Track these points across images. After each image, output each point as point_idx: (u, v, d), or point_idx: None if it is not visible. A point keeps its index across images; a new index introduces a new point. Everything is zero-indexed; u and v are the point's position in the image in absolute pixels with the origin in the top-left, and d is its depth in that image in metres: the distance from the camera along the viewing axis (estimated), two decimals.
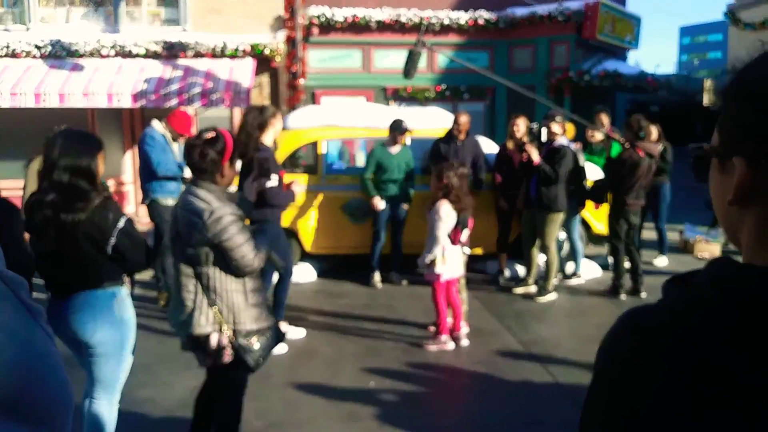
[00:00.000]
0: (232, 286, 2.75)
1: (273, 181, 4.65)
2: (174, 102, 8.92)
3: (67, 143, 2.68)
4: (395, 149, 6.41)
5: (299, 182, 5.25)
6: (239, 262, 2.70)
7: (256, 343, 2.77)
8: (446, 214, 4.76)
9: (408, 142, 6.75)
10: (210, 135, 2.78)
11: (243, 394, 3.03)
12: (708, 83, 18.49)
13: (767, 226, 0.65)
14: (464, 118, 6.50)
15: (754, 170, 0.64)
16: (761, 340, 0.57)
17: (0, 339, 0.60)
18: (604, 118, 7.47)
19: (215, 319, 2.73)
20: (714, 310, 0.61)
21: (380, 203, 6.35)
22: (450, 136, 6.53)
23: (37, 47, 9.78)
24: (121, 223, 2.70)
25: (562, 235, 6.74)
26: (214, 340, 2.74)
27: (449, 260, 4.81)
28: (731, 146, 0.67)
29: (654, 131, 6.93)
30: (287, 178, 6.64)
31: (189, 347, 2.86)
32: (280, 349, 4.76)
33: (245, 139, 4.51)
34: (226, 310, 2.74)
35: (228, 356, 2.77)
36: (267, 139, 4.71)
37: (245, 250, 2.69)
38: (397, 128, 6.33)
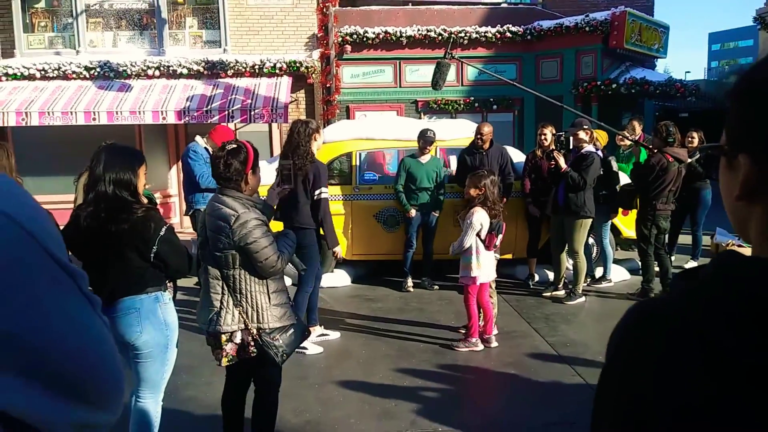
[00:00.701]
0: (256, 288, 2.94)
1: (325, 193, 4.97)
2: (216, 118, 9.36)
3: (110, 157, 2.82)
4: (424, 159, 6.67)
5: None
6: (264, 264, 2.88)
7: (278, 340, 2.97)
8: (481, 220, 4.98)
9: (437, 153, 7.01)
10: (232, 146, 2.98)
11: (277, 392, 3.20)
12: None
13: None
14: (487, 128, 6.75)
15: (759, 167, 0.65)
16: (763, 326, 0.58)
17: (65, 328, 0.64)
18: (637, 125, 7.60)
19: (240, 318, 2.94)
20: (718, 298, 0.62)
21: (411, 212, 6.61)
22: (474, 146, 6.77)
23: (87, 69, 10.36)
24: (163, 232, 2.84)
25: (592, 240, 6.88)
26: (238, 338, 2.95)
27: (483, 264, 5.02)
28: (737, 144, 0.68)
29: (696, 137, 7.16)
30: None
31: (213, 345, 3.03)
32: (315, 349, 5.01)
33: (301, 152, 4.79)
34: (251, 310, 2.94)
35: (251, 352, 2.97)
36: (313, 150, 5.02)
37: (269, 252, 2.88)
38: (423, 138, 6.59)
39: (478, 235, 4.96)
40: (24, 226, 0.62)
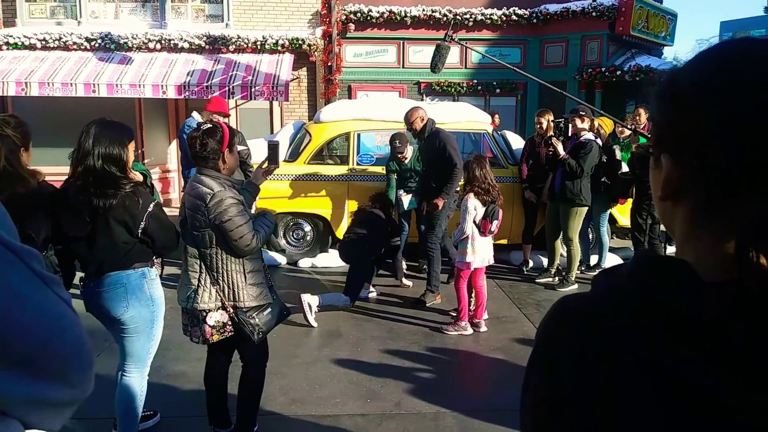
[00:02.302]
0: (233, 267, 2.97)
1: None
2: (216, 94, 9.32)
3: (100, 132, 2.80)
4: (407, 159, 6.55)
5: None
6: (238, 242, 2.89)
7: (254, 318, 3.01)
8: (473, 206, 4.99)
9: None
10: (208, 126, 2.99)
11: (262, 369, 3.23)
12: None
13: (692, 222, 0.67)
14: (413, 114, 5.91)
15: (680, 167, 0.66)
16: (670, 328, 0.60)
17: (9, 303, 0.65)
18: (643, 113, 7.55)
19: (217, 297, 2.98)
20: (629, 301, 0.64)
21: (404, 197, 6.47)
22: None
23: (88, 40, 10.30)
24: (150, 208, 2.85)
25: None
26: (212, 320, 2.99)
27: (478, 250, 5.04)
28: (659, 144, 0.69)
29: (643, 113, 7.06)
30: (314, 169, 6.96)
31: (188, 323, 3.07)
32: (314, 322, 5.19)
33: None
34: (227, 289, 2.98)
35: (229, 331, 3.03)
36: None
37: (244, 230, 2.89)
38: (393, 149, 6.30)
39: (473, 220, 4.97)
40: None
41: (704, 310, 0.59)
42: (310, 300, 5.27)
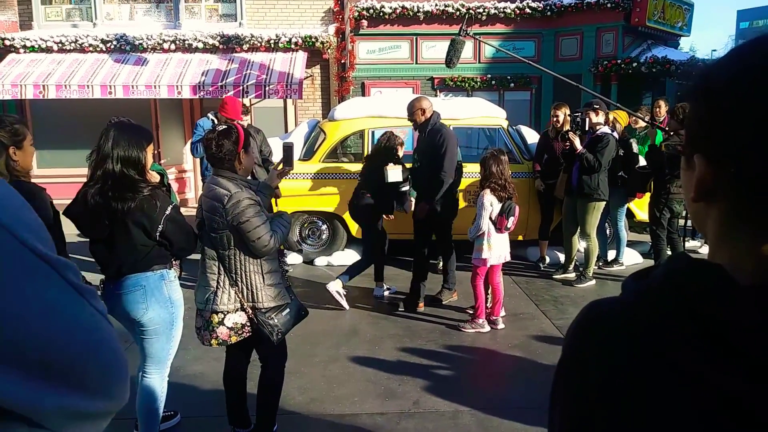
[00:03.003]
0: (251, 268, 2.99)
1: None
2: (230, 93, 9.36)
3: (118, 135, 2.82)
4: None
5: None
6: (256, 243, 2.91)
7: (273, 319, 3.03)
8: (489, 202, 4.96)
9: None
10: (223, 128, 3.01)
11: (281, 369, 3.25)
12: None
13: (727, 224, 0.65)
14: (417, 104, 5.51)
15: (713, 168, 0.64)
16: (705, 334, 0.58)
17: (47, 317, 0.65)
18: (663, 105, 7.44)
19: (236, 298, 3.00)
20: (662, 307, 0.62)
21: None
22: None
23: (104, 42, 10.39)
24: (168, 211, 2.86)
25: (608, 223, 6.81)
26: (230, 321, 3.01)
27: (494, 246, 5.02)
28: (692, 144, 0.68)
29: (663, 105, 7.00)
30: (329, 167, 6.96)
31: (203, 326, 3.07)
32: (344, 303, 5.58)
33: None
34: (246, 290, 3.00)
35: (247, 332, 3.05)
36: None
37: (261, 231, 2.91)
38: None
39: (489, 216, 4.95)
40: None
41: (741, 316, 0.57)
42: (335, 287, 5.56)
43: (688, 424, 0.58)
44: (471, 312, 5.25)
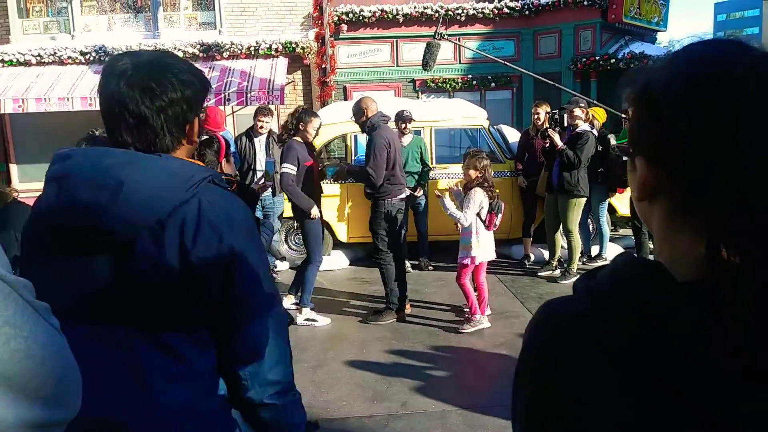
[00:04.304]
0: None
1: (287, 168, 5.04)
2: (212, 101, 9.33)
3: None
4: (406, 140, 6.62)
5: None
6: None
7: None
8: (481, 200, 5.01)
9: (432, 134, 6.98)
10: (204, 138, 3.04)
11: None
12: None
13: (668, 223, 0.68)
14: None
15: (653, 171, 0.67)
16: (646, 331, 0.61)
17: (7, 332, 0.69)
18: None
19: None
20: (605, 303, 0.66)
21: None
22: None
23: (82, 53, 10.34)
24: None
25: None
26: None
27: (482, 244, 5.07)
28: (635, 147, 0.71)
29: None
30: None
31: None
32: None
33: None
34: None
35: None
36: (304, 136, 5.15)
37: None
38: (400, 118, 6.50)
39: (478, 215, 5.01)
40: None
41: (677, 311, 0.61)
42: (301, 319, 5.29)
43: (631, 412, 0.62)
44: (467, 310, 5.26)
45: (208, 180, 1.25)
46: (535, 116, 6.69)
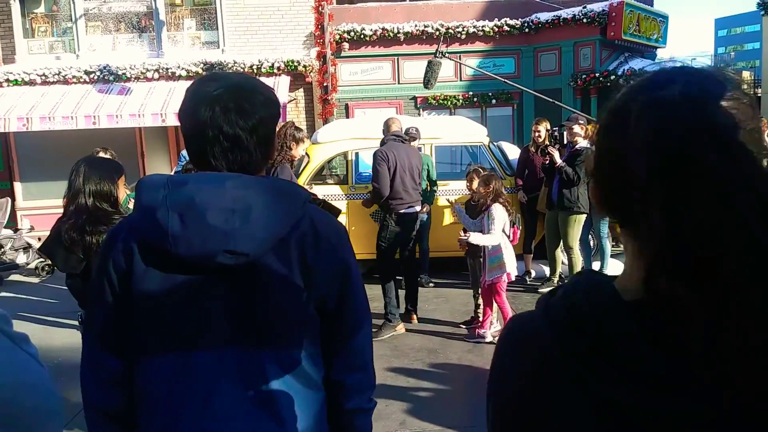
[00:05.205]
0: None
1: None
2: None
3: (89, 169, 2.86)
4: None
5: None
6: None
7: None
8: (503, 216, 5.05)
9: (432, 150, 7.01)
10: None
11: None
12: (746, 74, 18.15)
13: (624, 242, 0.71)
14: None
15: (599, 190, 0.71)
16: (592, 349, 0.64)
17: None
18: None
19: None
20: (557, 320, 0.68)
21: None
22: None
23: (87, 73, 10.45)
24: None
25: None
26: None
27: (509, 259, 5.08)
28: (593, 169, 0.73)
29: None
30: (314, 190, 7.02)
31: None
32: None
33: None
34: None
35: None
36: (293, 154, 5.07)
37: None
38: (407, 134, 6.48)
39: (503, 230, 5.03)
40: None
41: (620, 330, 0.63)
42: None
43: (581, 428, 0.65)
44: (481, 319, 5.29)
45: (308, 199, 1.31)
46: (536, 133, 6.72)
